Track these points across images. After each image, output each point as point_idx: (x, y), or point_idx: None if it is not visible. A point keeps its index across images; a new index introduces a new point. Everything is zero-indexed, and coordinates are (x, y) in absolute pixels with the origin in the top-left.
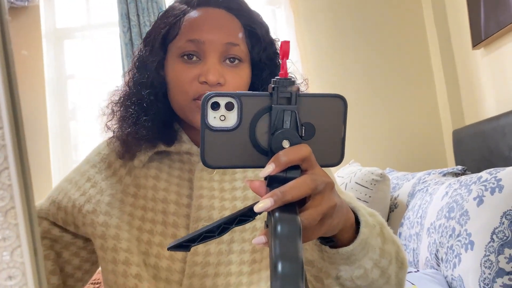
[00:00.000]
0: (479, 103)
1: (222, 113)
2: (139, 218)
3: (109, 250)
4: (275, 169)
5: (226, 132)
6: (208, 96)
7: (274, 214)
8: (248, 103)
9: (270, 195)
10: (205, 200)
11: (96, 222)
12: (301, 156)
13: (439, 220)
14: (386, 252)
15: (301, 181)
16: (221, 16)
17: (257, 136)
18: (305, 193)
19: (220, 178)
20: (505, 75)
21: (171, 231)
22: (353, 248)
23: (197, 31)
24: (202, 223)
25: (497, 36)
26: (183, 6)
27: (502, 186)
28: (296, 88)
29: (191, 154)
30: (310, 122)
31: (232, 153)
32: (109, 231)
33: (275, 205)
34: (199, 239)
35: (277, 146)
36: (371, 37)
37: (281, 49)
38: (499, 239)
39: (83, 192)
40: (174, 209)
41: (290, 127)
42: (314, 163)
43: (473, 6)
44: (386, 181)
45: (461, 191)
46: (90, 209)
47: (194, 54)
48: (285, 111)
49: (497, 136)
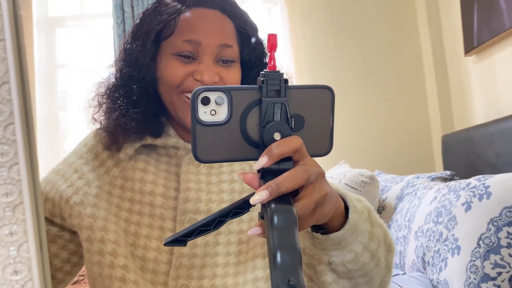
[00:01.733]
0: (469, 109)
1: (213, 107)
2: (126, 210)
3: (96, 241)
4: (268, 161)
5: (217, 126)
6: (198, 91)
7: (270, 206)
8: (238, 97)
9: (265, 187)
10: (192, 193)
11: (84, 213)
12: (293, 147)
13: (427, 224)
14: (375, 236)
15: (294, 173)
16: (216, 18)
17: (248, 129)
18: (299, 184)
19: (207, 171)
20: (495, 82)
21: (158, 223)
22: (344, 233)
23: (193, 32)
24: (189, 215)
25: (489, 44)
26: (177, 4)
27: (490, 193)
28: (284, 80)
29: (178, 148)
30: (299, 113)
31: (224, 147)
32: (97, 223)
33: (270, 197)
34: (195, 233)
35: (268, 138)
36: (365, 38)
37: (268, 42)
38: (485, 245)
39: (70, 183)
40: (161, 201)
41: (281, 120)
42: (305, 154)
43: (467, 13)
44: (375, 183)
45: (449, 196)
46: (77, 200)
47: (189, 54)
48: (275, 103)
49: (485, 143)
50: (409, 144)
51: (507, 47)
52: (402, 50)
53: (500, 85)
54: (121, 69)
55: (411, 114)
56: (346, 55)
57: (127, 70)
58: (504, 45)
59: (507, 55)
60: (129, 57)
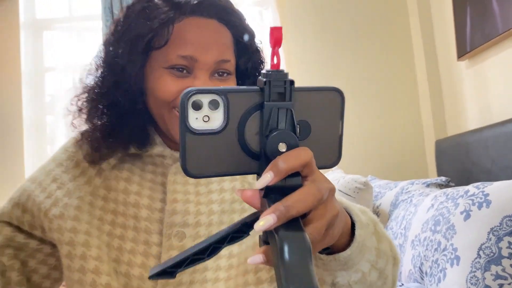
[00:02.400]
0: (462, 114)
1: (206, 113)
2: (109, 223)
3: (77, 258)
4: (274, 178)
5: (211, 135)
6: (188, 93)
7: (277, 232)
8: (236, 100)
9: (271, 210)
10: (179, 204)
11: (64, 227)
12: (303, 161)
13: (424, 233)
14: (382, 252)
15: (306, 192)
16: (214, 30)
17: (246, 138)
18: (312, 205)
19: (195, 181)
20: (488, 87)
21: (143, 237)
22: (350, 252)
23: (189, 46)
24: (176, 229)
25: (482, 49)
26: (169, 9)
27: (490, 201)
28: (290, 82)
29: (164, 157)
30: (305, 119)
31: (218, 159)
32: (78, 238)
33: (278, 222)
34: (186, 263)
35: (272, 150)
36: (357, 43)
37: (271, 36)
38: (485, 255)
39: (48, 194)
40: (146, 214)
41: (286, 127)
42: (315, 168)
43: (459, 17)
44: (369, 190)
45: (447, 204)
46: (57, 213)
47: (184, 68)
48: (280, 109)
49: (480, 149)
50: (403, 149)
51: (500, 51)
52: (394, 54)
53: (494, 90)
54: (105, 75)
55: (404, 118)
56: (338, 59)
57: (112, 76)
58: (497, 50)
59: (501, 59)
60: (113, 62)
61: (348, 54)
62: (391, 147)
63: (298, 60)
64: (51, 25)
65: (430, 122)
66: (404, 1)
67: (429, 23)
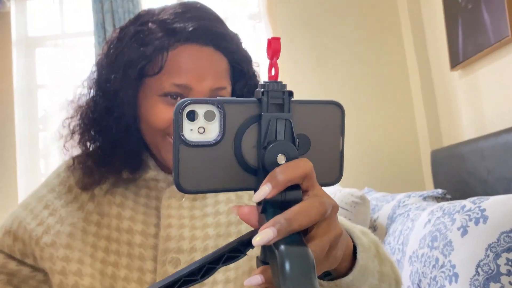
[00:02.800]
0: (457, 124)
1: (201, 124)
2: (103, 250)
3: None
4: (272, 190)
5: (206, 147)
6: (183, 104)
7: (278, 248)
8: (232, 111)
9: (271, 223)
10: (174, 230)
11: (56, 256)
12: (303, 172)
13: (421, 249)
14: (385, 275)
15: (308, 205)
16: (209, 58)
17: (243, 152)
18: (314, 219)
19: (190, 204)
20: (482, 97)
21: (137, 264)
22: (353, 278)
23: (184, 75)
24: (171, 255)
25: (475, 59)
26: (164, 36)
27: (487, 217)
28: (289, 93)
29: (158, 181)
30: (304, 133)
31: (213, 173)
32: (70, 266)
33: (279, 236)
34: (178, 285)
35: (270, 162)
36: (350, 56)
37: (269, 47)
38: (484, 272)
39: (40, 221)
40: (140, 240)
41: (285, 139)
42: (315, 182)
43: (451, 28)
44: (366, 203)
45: (444, 220)
46: (48, 241)
47: (178, 96)
48: (278, 120)
49: (476, 159)
50: (399, 160)
51: (493, 61)
52: (387, 66)
53: (487, 100)
54: (97, 99)
55: (400, 130)
56: (332, 72)
57: (104, 101)
58: (490, 60)
59: (493, 69)
60: (105, 87)
61: (341, 67)
62: (387, 159)
63: (291, 72)
64: (44, 42)
65: (425, 133)
66: (396, 14)
67: (422, 35)
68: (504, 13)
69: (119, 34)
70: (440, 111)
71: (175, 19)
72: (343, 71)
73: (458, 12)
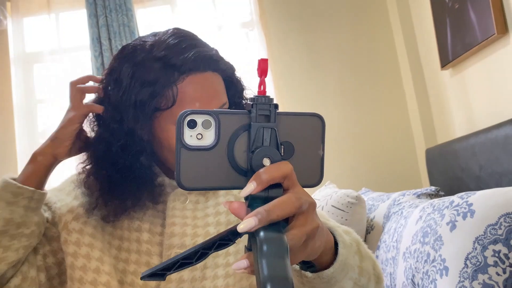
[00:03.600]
0: (450, 122)
1: (199, 131)
2: (116, 248)
3: (88, 284)
4: (256, 187)
5: (203, 151)
6: (184, 114)
7: (258, 234)
8: (226, 121)
9: (253, 213)
10: (177, 227)
11: (79, 253)
12: (283, 173)
13: (414, 245)
14: (364, 270)
15: (286, 199)
16: (212, 81)
17: (235, 155)
18: (290, 212)
19: (193, 206)
20: (472, 94)
21: (144, 259)
22: (333, 270)
23: (196, 104)
24: (174, 250)
25: (464, 58)
26: (167, 71)
27: (474, 211)
28: (274, 106)
29: (164, 186)
30: (288, 141)
31: (209, 173)
32: (91, 263)
33: (259, 224)
34: (175, 267)
35: (257, 164)
36: (343, 58)
37: (259, 67)
38: (472, 264)
39: (70, 208)
40: (147, 237)
41: (270, 145)
42: (295, 182)
43: (440, 28)
44: (361, 203)
45: (434, 216)
46: (77, 227)
47: None
48: (265, 128)
49: (468, 155)
50: (395, 159)
51: (481, 59)
52: (380, 67)
53: (477, 97)
54: (110, 142)
55: (394, 129)
56: (325, 76)
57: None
58: (478, 58)
59: (482, 67)
60: (118, 126)
61: (334, 71)
62: (383, 159)
63: (285, 78)
64: (41, 58)
65: (420, 132)
66: (387, 16)
67: (412, 36)
68: (490, 12)
69: (112, 76)
70: (433, 109)
71: (172, 53)
72: (337, 74)
73: (446, 12)
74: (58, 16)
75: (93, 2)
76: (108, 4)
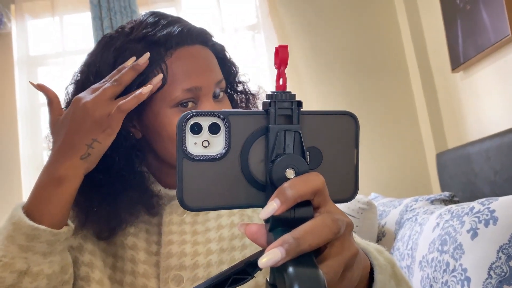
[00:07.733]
0: (461, 126)
1: (205, 137)
2: (110, 267)
3: None
4: (280, 206)
5: (211, 161)
6: (186, 117)
7: (287, 270)
8: (239, 124)
9: (279, 243)
10: (175, 246)
11: (81, 261)
12: (314, 188)
13: (431, 254)
14: None
15: (319, 223)
16: (203, 54)
17: (250, 166)
18: (326, 239)
19: (192, 219)
20: (485, 97)
21: (141, 281)
22: None
23: (192, 78)
24: (173, 272)
25: (476, 60)
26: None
27: (497, 218)
28: (298, 103)
29: (159, 197)
30: (315, 146)
31: (219, 189)
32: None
33: (288, 257)
34: None
35: (279, 176)
36: (350, 61)
37: (277, 56)
38: (496, 275)
39: None
40: (144, 257)
41: (294, 152)
42: (328, 198)
43: (451, 30)
44: (372, 209)
45: (453, 223)
46: (75, 244)
47: (189, 101)
48: (287, 132)
49: (482, 160)
50: (405, 165)
51: (494, 61)
52: (388, 70)
53: (490, 100)
54: None
55: (403, 133)
56: (332, 79)
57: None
58: (491, 60)
59: (495, 69)
60: None
61: (341, 72)
62: (393, 164)
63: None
64: (45, 61)
65: (430, 136)
66: (395, 18)
67: (422, 38)
68: (504, 12)
69: (90, 69)
70: (443, 113)
71: (154, 30)
72: (343, 76)
73: (457, 14)
74: (62, 18)
75: (98, 4)
76: (112, 6)
